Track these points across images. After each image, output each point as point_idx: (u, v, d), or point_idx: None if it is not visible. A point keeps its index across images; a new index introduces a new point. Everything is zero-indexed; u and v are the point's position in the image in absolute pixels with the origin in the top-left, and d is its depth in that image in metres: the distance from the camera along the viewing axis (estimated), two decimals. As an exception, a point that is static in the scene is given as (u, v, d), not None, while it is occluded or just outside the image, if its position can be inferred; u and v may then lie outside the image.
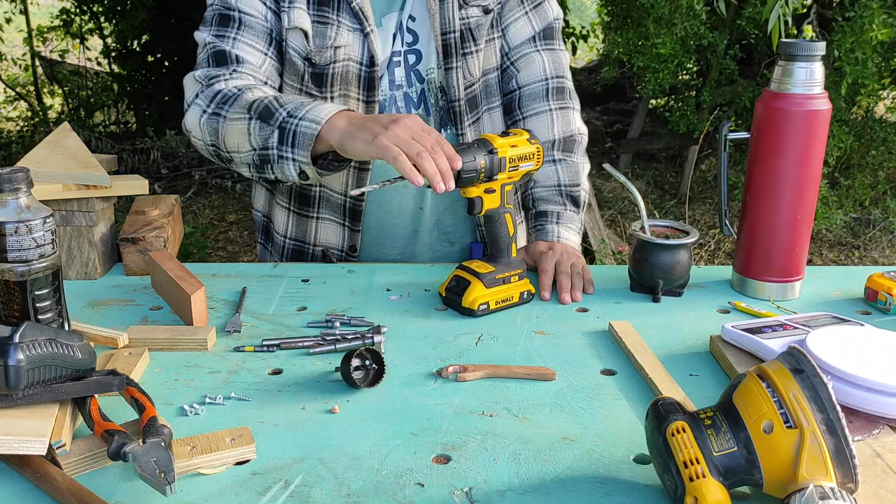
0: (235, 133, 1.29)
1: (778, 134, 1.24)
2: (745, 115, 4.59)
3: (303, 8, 1.39)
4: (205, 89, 1.35)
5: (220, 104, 1.31)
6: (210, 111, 1.32)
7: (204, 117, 1.33)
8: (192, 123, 1.36)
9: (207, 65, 1.39)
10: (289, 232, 1.57)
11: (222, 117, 1.30)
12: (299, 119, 1.22)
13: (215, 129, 1.32)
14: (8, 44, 7.41)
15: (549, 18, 1.54)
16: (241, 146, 1.30)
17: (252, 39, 1.39)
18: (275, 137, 1.24)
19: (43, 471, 0.81)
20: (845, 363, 0.94)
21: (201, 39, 1.42)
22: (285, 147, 1.24)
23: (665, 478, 0.79)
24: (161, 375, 1.06)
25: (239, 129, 1.28)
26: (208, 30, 1.41)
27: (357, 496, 0.81)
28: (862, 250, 4.57)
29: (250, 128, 1.27)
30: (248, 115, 1.27)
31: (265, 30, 1.40)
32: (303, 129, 1.22)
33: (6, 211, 0.96)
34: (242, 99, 1.29)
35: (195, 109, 1.35)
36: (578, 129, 1.57)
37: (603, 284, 1.38)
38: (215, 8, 1.42)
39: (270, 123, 1.24)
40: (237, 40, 1.38)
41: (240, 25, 1.39)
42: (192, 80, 1.39)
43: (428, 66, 1.46)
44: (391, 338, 1.17)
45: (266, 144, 1.26)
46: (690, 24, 4.04)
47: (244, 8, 1.39)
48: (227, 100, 1.31)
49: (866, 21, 3.52)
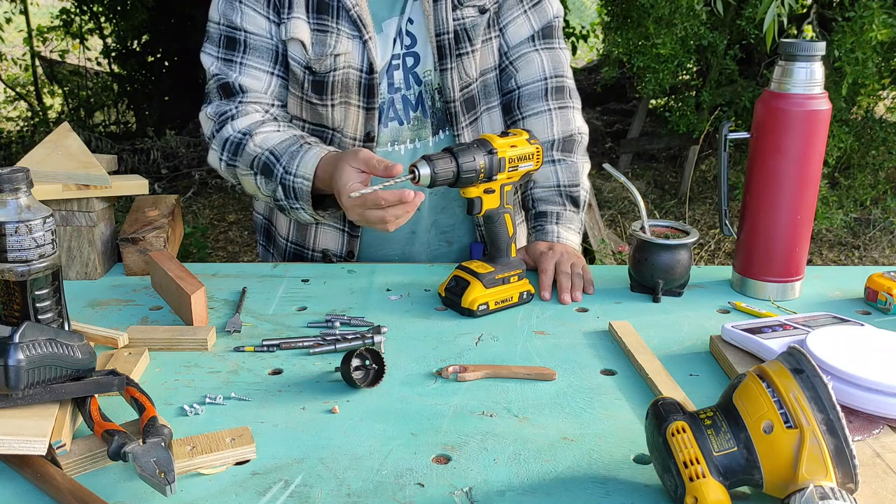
0: (249, 185, 1.43)
1: (778, 134, 1.24)
2: (745, 115, 4.59)
3: (301, 17, 1.39)
4: (216, 133, 1.44)
5: (231, 154, 1.42)
6: (226, 159, 1.43)
7: (222, 164, 1.45)
8: (215, 165, 1.47)
9: (218, 97, 1.46)
10: (290, 235, 1.58)
11: (236, 167, 1.42)
12: (293, 176, 1.34)
13: (234, 175, 1.45)
14: (8, 44, 7.41)
15: (548, 17, 1.53)
16: (257, 195, 1.45)
17: (257, 62, 1.43)
18: (280, 192, 1.37)
19: (43, 471, 0.81)
20: (845, 363, 0.94)
21: (208, 67, 1.46)
22: (291, 200, 1.37)
23: (665, 478, 0.79)
24: (161, 375, 1.06)
25: (251, 182, 1.42)
26: (215, 52, 1.45)
27: (357, 496, 0.81)
28: (862, 250, 4.57)
29: (258, 182, 1.40)
30: (253, 171, 1.39)
31: (270, 48, 1.43)
32: (298, 185, 1.34)
33: (6, 211, 0.96)
34: (246, 154, 1.40)
35: (213, 154, 1.46)
36: (578, 129, 1.56)
37: (603, 284, 1.38)
38: (221, 29, 1.44)
39: (272, 180, 1.37)
40: (243, 65, 1.43)
41: (245, 49, 1.43)
42: (206, 118, 1.47)
43: (425, 69, 1.46)
44: (391, 338, 1.17)
45: (276, 196, 1.39)
46: (690, 24, 4.04)
47: (249, 28, 1.42)
48: (235, 149, 1.41)
49: (866, 21, 3.52)
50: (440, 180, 1.18)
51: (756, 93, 4.46)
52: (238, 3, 1.41)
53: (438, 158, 1.18)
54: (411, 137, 1.48)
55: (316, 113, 1.46)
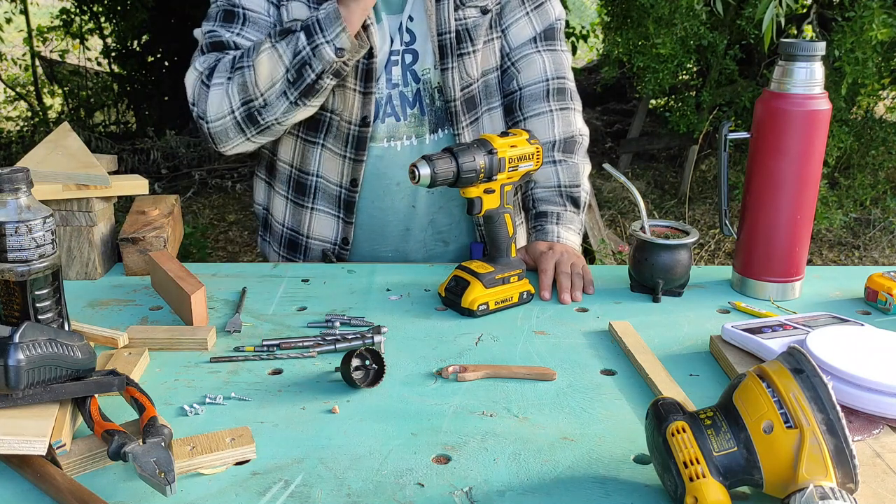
0: (266, 65, 1.34)
1: (778, 134, 1.24)
2: (745, 115, 4.58)
3: (302, 1, 1.40)
4: (213, 70, 1.38)
5: (240, 60, 1.36)
6: (233, 73, 1.36)
7: (230, 84, 1.36)
8: (217, 103, 1.38)
9: (203, 52, 1.42)
10: (286, 220, 1.58)
11: (247, 67, 1.35)
12: (316, 13, 1.32)
13: (244, 82, 1.35)
14: (8, 44, 7.40)
15: (550, 19, 1.54)
16: (274, 75, 1.34)
17: (256, 35, 1.42)
18: (302, 38, 1.31)
19: (43, 471, 0.81)
20: (845, 363, 0.94)
21: (200, 33, 1.45)
22: (316, 37, 1.31)
23: (665, 478, 0.79)
24: (161, 375, 1.06)
25: (268, 58, 1.34)
26: (211, 25, 1.44)
27: (357, 496, 0.81)
28: (862, 250, 4.57)
29: (278, 50, 1.33)
30: (272, 41, 1.34)
31: (268, 24, 1.43)
32: (322, 14, 1.31)
33: (6, 211, 0.96)
34: (258, 42, 1.36)
35: (216, 89, 1.37)
36: (579, 130, 1.57)
37: (603, 284, 1.38)
38: (219, 5, 1.44)
39: (294, 31, 1.32)
40: (240, 35, 1.42)
41: (244, 21, 1.43)
42: (193, 72, 1.41)
43: (424, 67, 1.47)
44: (391, 338, 1.17)
45: (297, 50, 1.32)
46: (690, 24, 4.04)
47: (247, 4, 1.42)
48: (244, 54, 1.36)
49: (866, 21, 3.52)
50: (440, 180, 1.18)
51: (756, 93, 4.46)
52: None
53: (438, 158, 1.18)
54: (408, 134, 1.48)
55: None
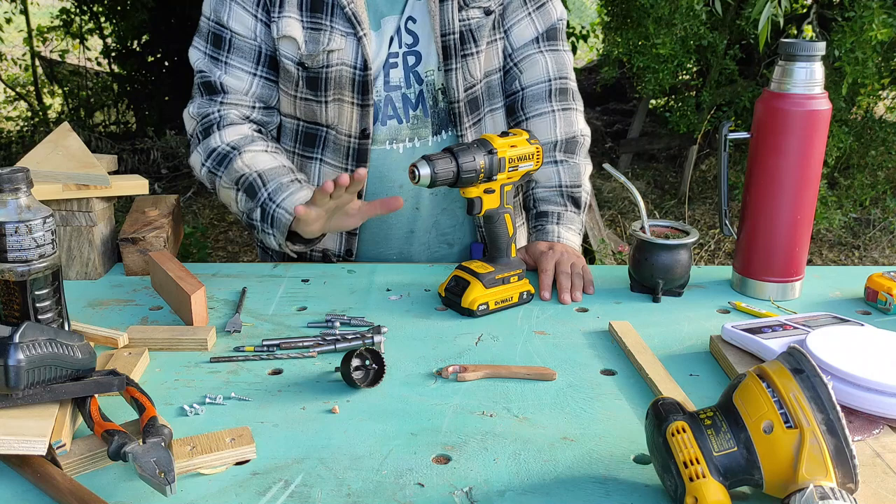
0: (226, 197, 1.45)
1: (778, 134, 1.24)
2: (745, 115, 4.58)
3: (293, 16, 1.40)
4: (201, 138, 1.45)
5: (215, 164, 1.44)
6: (208, 167, 1.45)
7: (203, 170, 1.46)
8: (195, 167, 1.48)
9: (199, 95, 1.48)
10: None
11: (218, 177, 1.44)
12: (276, 205, 1.36)
13: (212, 182, 1.46)
14: (8, 44, 7.40)
15: (552, 19, 1.54)
16: (231, 207, 1.46)
17: (240, 62, 1.45)
18: (257, 214, 1.38)
19: (43, 471, 0.81)
20: (845, 363, 0.94)
21: (194, 62, 1.48)
22: (266, 225, 1.38)
23: (665, 478, 0.79)
24: (161, 375, 1.06)
25: (229, 195, 1.43)
26: (203, 47, 1.47)
27: (357, 496, 0.81)
28: (862, 250, 4.57)
29: (237, 199, 1.41)
30: (237, 187, 1.41)
31: (253, 49, 1.44)
32: (279, 215, 1.35)
33: (6, 211, 0.96)
34: (232, 169, 1.41)
35: (196, 157, 1.47)
36: (581, 131, 1.57)
37: (603, 284, 1.38)
38: (210, 25, 1.46)
39: (254, 201, 1.38)
40: (227, 65, 1.45)
41: (230, 48, 1.44)
42: (189, 117, 1.49)
43: (427, 68, 1.46)
44: (391, 338, 1.17)
45: (251, 218, 1.40)
46: (690, 24, 4.03)
47: (235, 27, 1.43)
48: (221, 161, 1.43)
49: (866, 21, 3.52)
50: (440, 180, 1.18)
51: (756, 93, 4.46)
52: (229, 0, 1.42)
53: (438, 158, 1.18)
54: (410, 136, 1.48)
55: (310, 110, 1.46)
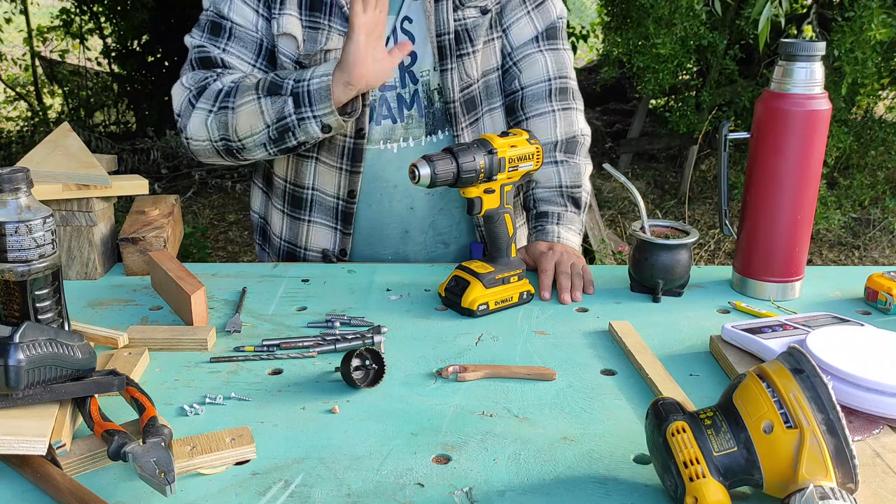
0: (248, 116, 1.34)
1: (778, 134, 1.24)
2: (745, 115, 4.58)
3: (293, 14, 1.40)
4: (197, 97, 1.38)
5: (225, 98, 1.36)
6: (217, 108, 1.37)
7: (211, 116, 1.38)
8: (197, 127, 1.39)
9: (192, 68, 1.43)
10: (283, 233, 1.58)
11: (230, 109, 1.35)
12: (308, 81, 1.30)
13: (225, 122, 1.37)
14: (8, 44, 7.41)
15: (551, 17, 1.53)
16: (254, 128, 1.35)
17: (240, 51, 1.43)
18: (290, 105, 1.31)
19: (43, 471, 0.81)
20: (845, 363, 0.94)
21: (190, 43, 1.45)
22: (303, 108, 1.31)
23: (665, 478, 0.79)
24: (161, 375, 1.06)
25: (251, 110, 1.34)
26: (199, 36, 1.45)
27: (357, 496, 0.81)
28: (862, 250, 4.57)
29: (262, 106, 1.33)
30: (257, 94, 1.33)
31: (254, 41, 1.43)
32: (314, 86, 1.29)
33: (6, 211, 0.96)
34: (244, 85, 1.35)
35: (199, 113, 1.39)
36: (581, 130, 1.56)
37: (603, 284, 1.38)
38: (209, 14, 1.45)
39: (282, 94, 1.31)
40: (226, 51, 1.43)
41: (230, 36, 1.42)
42: (181, 87, 1.42)
43: (422, 68, 1.46)
44: (391, 338, 1.17)
45: (282, 114, 1.32)
46: (690, 24, 4.03)
47: (235, 18, 1.42)
48: (230, 92, 1.36)
49: (865, 21, 3.52)
50: (440, 180, 1.18)
51: (756, 93, 4.46)
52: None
53: (438, 158, 1.18)
54: (404, 136, 1.48)
55: None
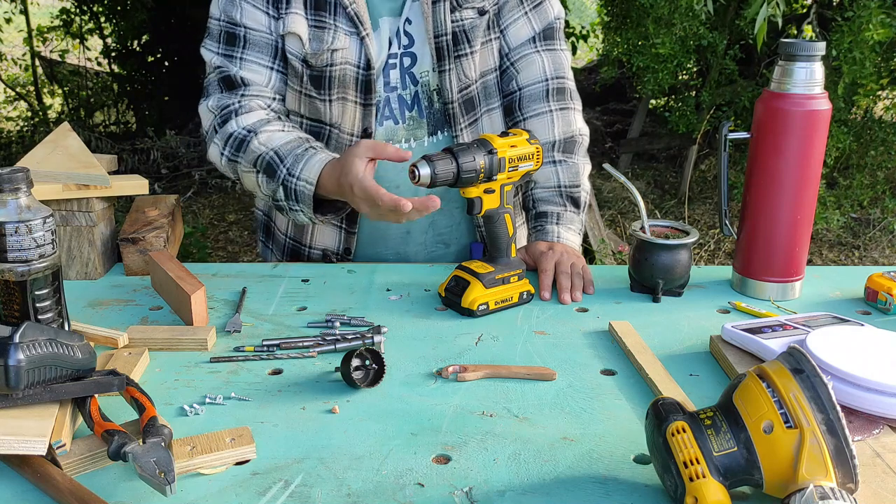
0: (250, 182, 1.43)
1: (778, 134, 1.24)
2: (745, 115, 4.58)
3: (299, 13, 1.40)
4: (219, 128, 1.43)
5: (233, 150, 1.42)
6: (227, 155, 1.43)
7: (223, 159, 1.44)
8: (214, 159, 1.47)
9: (218, 90, 1.46)
10: (289, 231, 1.58)
11: (238, 163, 1.42)
12: (296, 179, 1.34)
13: (235, 171, 1.45)
14: (8, 44, 7.41)
15: (549, 18, 1.53)
16: (256, 192, 1.45)
17: (257, 57, 1.44)
18: (281, 193, 1.37)
19: (43, 471, 0.81)
20: (845, 363, 0.94)
21: (209, 60, 1.47)
22: (292, 202, 1.36)
23: (665, 478, 0.79)
24: (161, 375, 1.06)
25: (251, 180, 1.42)
26: (216, 47, 1.45)
27: (357, 496, 0.81)
28: (862, 250, 4.57)
29: (259, 181, 1.40)
30: (256, 170, 1.39)
31: (270, 42, 1.44)
32: (300, 188, 1.34)
33: (6, 211, 0.96)
34: (250, 151, 1.39)
35: (214, 148, 1.45)
36: (579, 130, 1.56)
37: (603, 284, 1.38)
38: (221, 24, 1.45)
39: (274, 181, 1.37)
40: (244, 60, 1.44)
41: (245, 44, 1.43)
42: (207, 110, 1.46)
43: (422, 69, 1.46)
44: (391, 338, 1.17)
45: (276, 196, 1.39)
46: (690, 24, 4.03)
47: (248, 23, 1.42)
48: (238, 146, 1.41)
49: (864, 21, 3.52)
50: (440, 180, 1.18)
51: (756, 93, 4.46)
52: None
53: (438, 158, 1.18)
54: (406, 137, 1.48)
55: (314, 108, 1.46)
